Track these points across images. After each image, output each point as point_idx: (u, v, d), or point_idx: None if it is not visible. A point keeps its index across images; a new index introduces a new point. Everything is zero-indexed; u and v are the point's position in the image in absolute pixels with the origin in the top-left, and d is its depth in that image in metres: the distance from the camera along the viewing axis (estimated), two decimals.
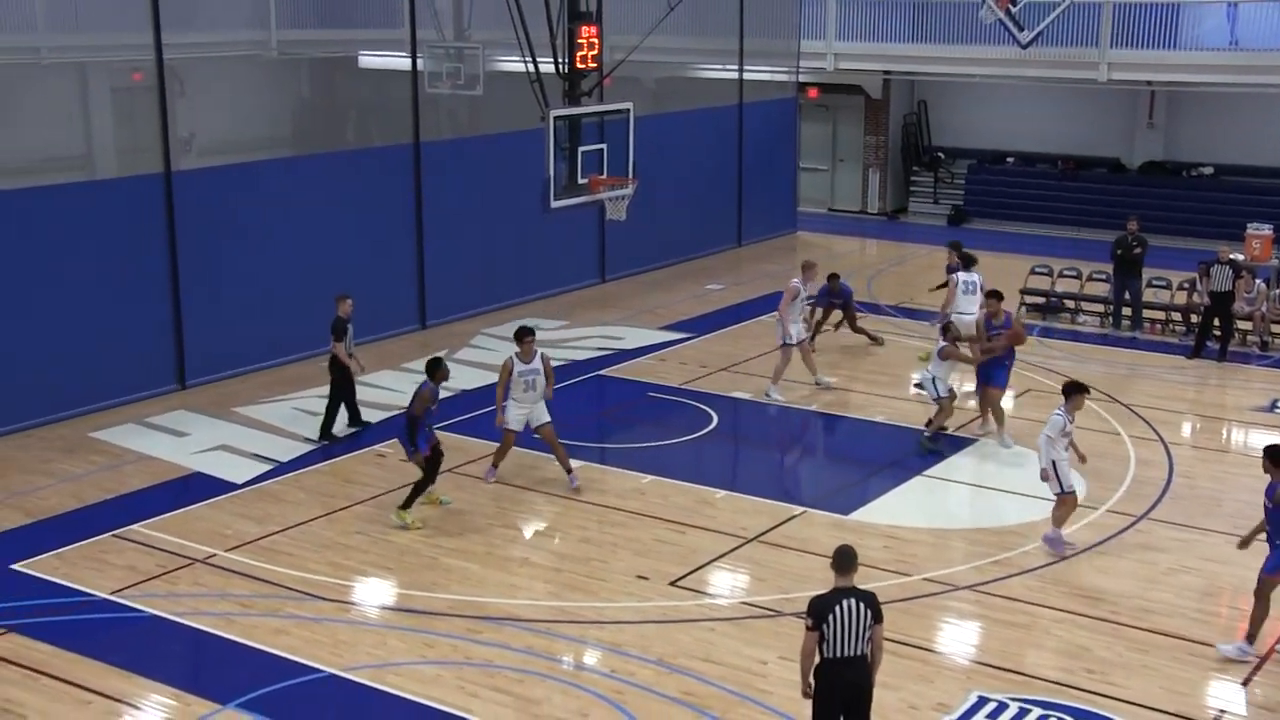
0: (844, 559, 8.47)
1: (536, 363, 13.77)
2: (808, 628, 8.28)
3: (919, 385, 16.23)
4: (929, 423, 15.52)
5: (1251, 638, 10.66)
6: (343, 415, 15.66)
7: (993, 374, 15.43)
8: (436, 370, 13.26)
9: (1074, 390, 12.60)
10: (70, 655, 10.48)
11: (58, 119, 24.61)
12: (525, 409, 13.84)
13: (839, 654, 8.26)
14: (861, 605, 8.28)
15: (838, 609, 8.22)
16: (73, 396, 15.97)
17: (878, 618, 8.35)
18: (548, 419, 13.93)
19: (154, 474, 14.41)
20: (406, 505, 13.14)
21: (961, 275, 17.47)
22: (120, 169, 23.84)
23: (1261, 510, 10.81)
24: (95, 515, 13.28)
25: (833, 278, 19.03)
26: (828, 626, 8.21)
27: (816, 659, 8.36)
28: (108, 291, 16.26)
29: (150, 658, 10.50)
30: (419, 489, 13.20)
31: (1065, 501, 12.60)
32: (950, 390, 15.41)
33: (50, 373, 15.78)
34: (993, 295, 15.66)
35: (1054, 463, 12.50)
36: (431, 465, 13.25)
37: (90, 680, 10.14)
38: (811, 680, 8.44)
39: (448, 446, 15.02)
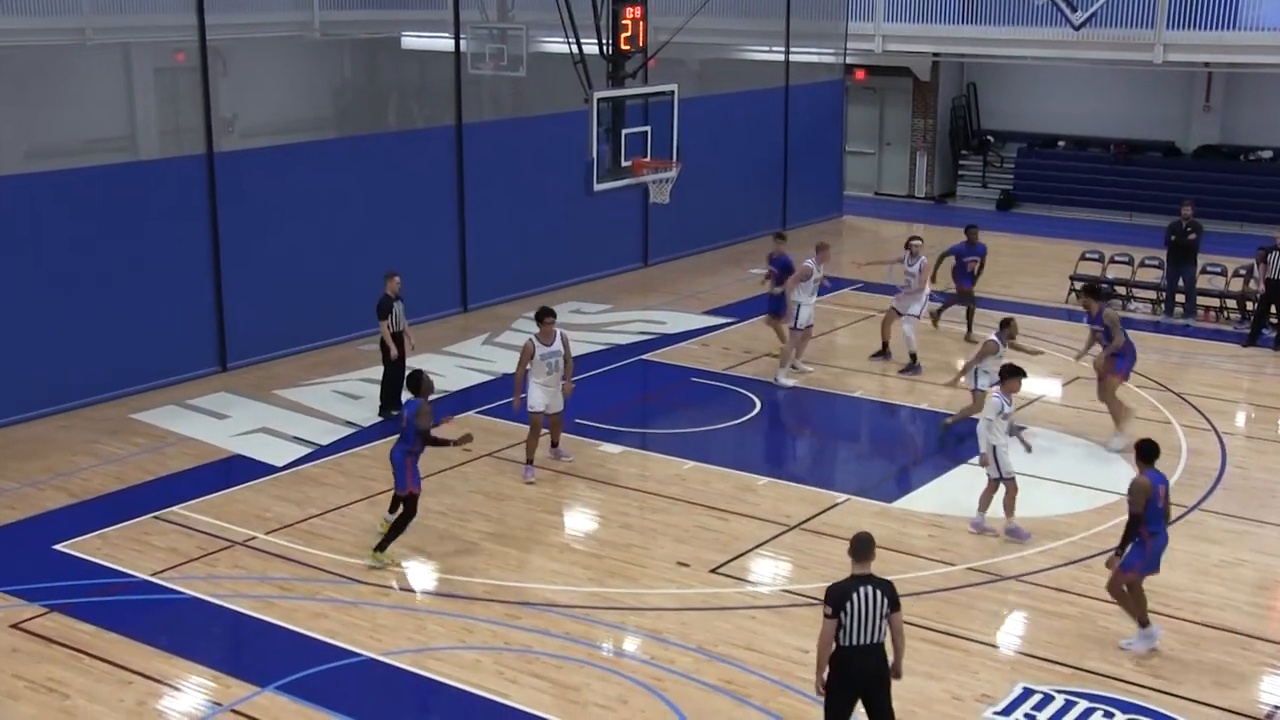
0: (862, 546, 8.41)
1: (557, 344, 13.69)
2: (826, 615, 8.24)
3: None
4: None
5: (1144, 622, 10.45)
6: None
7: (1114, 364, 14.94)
8: (420, 384, 12.05)
9: (1009, 374, 12.51)
10: (112, 636, 10.52)
11: (101, 100, 24.75)
12: (549, 390, 13.76)
13: (856, 642, 8.22)
14: (879, 593, 8.24)
15: (855, 596, 8.19)
16: (115, 378, 16.04)
17: (895, 605, 8.30)
18: (561, 409, 13.97)
19: (195, 456, 14.44)
20: (382, 547, 11.93)
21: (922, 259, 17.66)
22: (163, 150, 24.01)
23: None
24: (137, 497, 13.34)
25: (971, 229, 18.62)
26: (845, 614, 8.18)
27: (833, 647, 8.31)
28: (150, 273, 16.31)
29: (190, 639, 10.52)
30: (400, 527, 11.92)
31: (1009, 488, 12.45)
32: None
33: (93, 354, 15.85)
34: (1087, 291, 15.12)
35: (994, 448, 12.34)
36: (415, 502, 11.93)
37: (132, 661, 10.17)
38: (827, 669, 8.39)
39: (486, 430, 15.04)
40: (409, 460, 11.77)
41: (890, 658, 8.44)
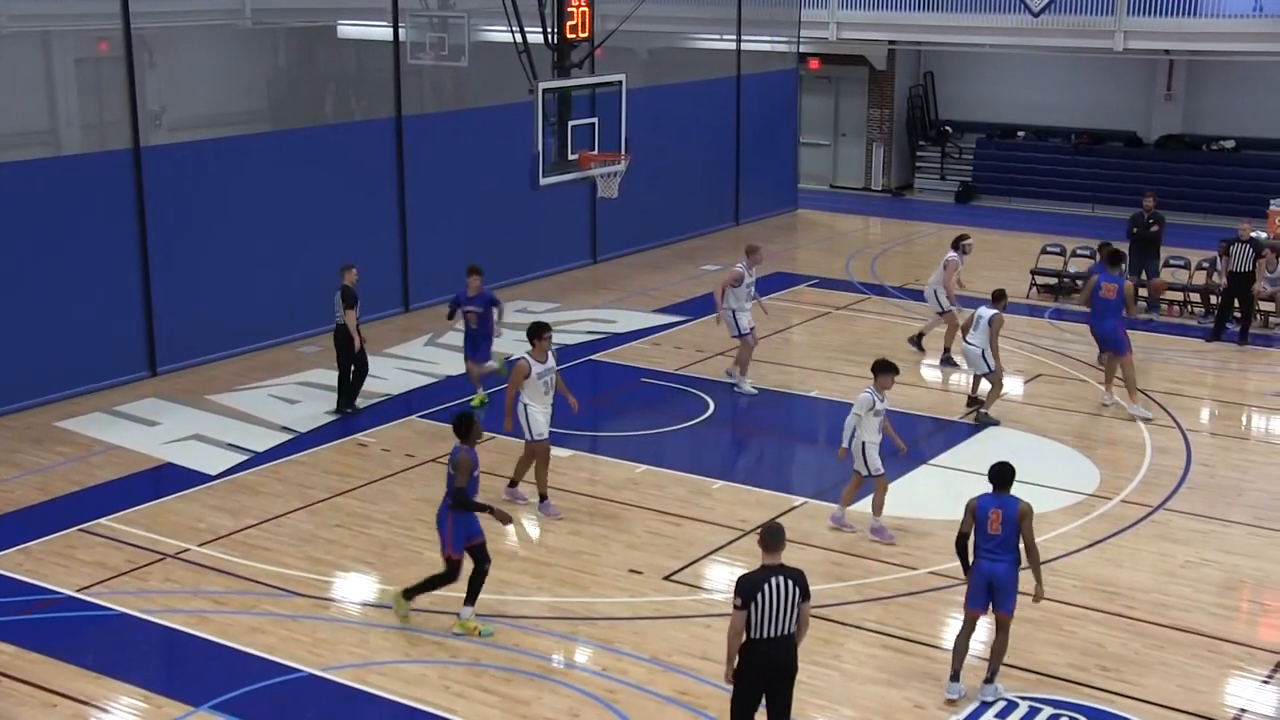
0: (772, 536, 8.45)
1: (551, 361, 13.05)
2: (736, 607, 8.27)
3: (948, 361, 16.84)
4: (973, 398, 15.58)
5: (954, 673, 9.87)
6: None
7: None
8: (469, 430, 10.53)
9: (882, 369, 12.39)
10: (35, 656, 10.26)
11: (19, 92, 24.39)
12: (549, 411, 13.05)
13: (767, 634, 8.28)
14: (790, 583, 8.31)
15: (767, 587, 8.23)
16: (38, 384, 15.66)
17: (805, 595, 8.39)
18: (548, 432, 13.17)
19: (124, 465, 14.15)
20: (409, 594, 10.79)
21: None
22: (86, 144, 23.63)
23: None
24: (62, 508, 13.04)
25: (1104, 247, 17.90)
26: (756, 606, 8.23)
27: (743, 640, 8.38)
28: (74, 274, 15.93)
29: (119, 658, 10.30)
30: (435, 583, 10.68)
31: (878, 485, 12.38)
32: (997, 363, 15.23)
33: (14, 359, 15.47)
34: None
35: (864, 445, 12.27)
36: (456, 569, 10.58)
37: (56, 682, 9.91)
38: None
39: (430, 435, 14.75)
40: (450, 516, 10.48)
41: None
